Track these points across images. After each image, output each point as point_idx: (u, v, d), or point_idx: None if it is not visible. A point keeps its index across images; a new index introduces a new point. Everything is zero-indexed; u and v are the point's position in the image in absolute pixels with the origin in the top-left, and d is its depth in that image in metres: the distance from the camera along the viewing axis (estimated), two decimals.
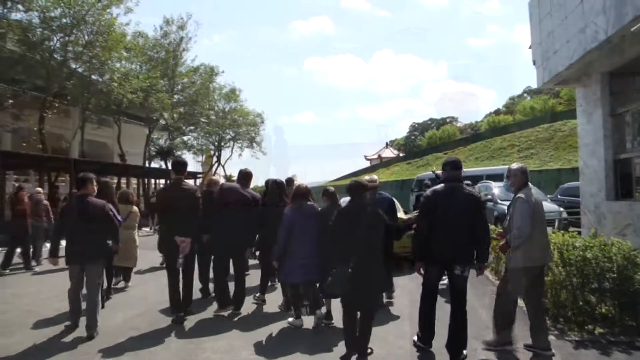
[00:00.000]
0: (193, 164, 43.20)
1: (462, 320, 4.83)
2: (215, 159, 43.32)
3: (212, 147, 42.49)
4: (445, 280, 8.14)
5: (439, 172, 5.45)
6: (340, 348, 5.02)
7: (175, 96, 32.32)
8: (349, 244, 4.71)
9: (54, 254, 5.97)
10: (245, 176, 7.15)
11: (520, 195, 4.93)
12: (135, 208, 8.98)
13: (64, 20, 20.44)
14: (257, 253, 7.32)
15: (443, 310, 5.12)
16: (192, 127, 37.00)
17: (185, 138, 38.75)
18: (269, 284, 7.58)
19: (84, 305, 5.98)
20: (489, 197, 13.94)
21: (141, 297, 7.76)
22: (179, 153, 35.51)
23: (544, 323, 5.06)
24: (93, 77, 23.50)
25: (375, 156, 70.45)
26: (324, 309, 6.06)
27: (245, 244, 6.93)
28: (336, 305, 5.55)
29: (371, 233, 4.74)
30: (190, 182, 29.54)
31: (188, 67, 33.38)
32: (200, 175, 37.04)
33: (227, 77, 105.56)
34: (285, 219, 5.92)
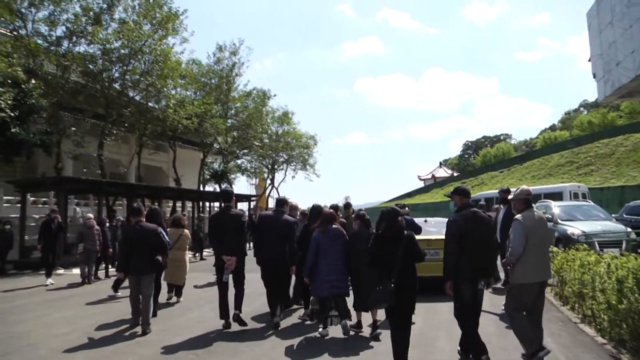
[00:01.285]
0: (246, 186, 43.93)
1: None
2: (268, 181, 43.88)
3: (266, 169, 43.12)
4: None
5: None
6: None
7: (229, 121, 33.10)
8: (389, 264, 5.04)
9: (122, 269, 7.70)
10: (280, 203, 8.06)
11: (517, 217, 5.38)
12: (186, 231, 9.52)
13: (123, 52, 21.42)
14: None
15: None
16: (245, 151, 37.69)
17: (239, 161, 39.52)
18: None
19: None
20: (549, 216, 13.32)
21: (198, 321, 7.80)
22: (232, 176, 36.20)
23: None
24: (149, 104, 24.43)
25: (429, 176, 69.73)
26: (350, 320, 6.71)
27: (282, 262, 7.37)
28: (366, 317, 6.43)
29: (407, 254, 5.10)
30: (240, 205, 30.20)
31: (241, 91, 34.23)
32: (254, 198, 37.47)
33: (279, 100, 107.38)
34: (312, 241, 6.74)
